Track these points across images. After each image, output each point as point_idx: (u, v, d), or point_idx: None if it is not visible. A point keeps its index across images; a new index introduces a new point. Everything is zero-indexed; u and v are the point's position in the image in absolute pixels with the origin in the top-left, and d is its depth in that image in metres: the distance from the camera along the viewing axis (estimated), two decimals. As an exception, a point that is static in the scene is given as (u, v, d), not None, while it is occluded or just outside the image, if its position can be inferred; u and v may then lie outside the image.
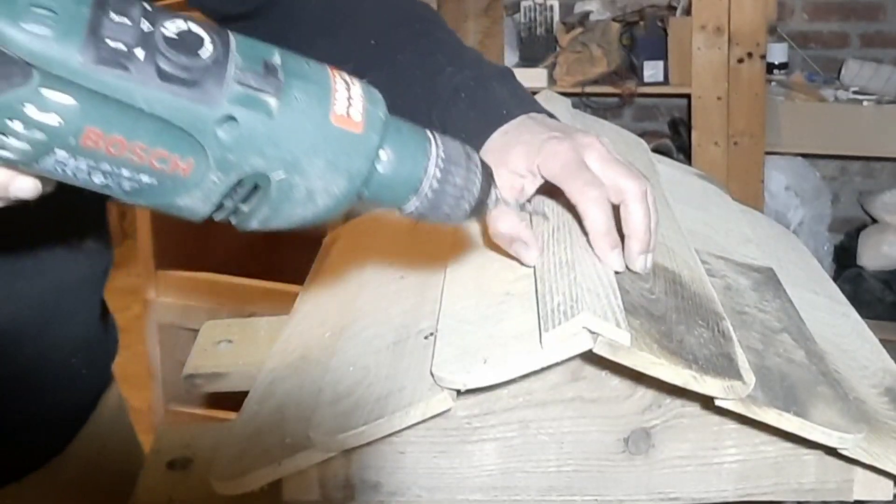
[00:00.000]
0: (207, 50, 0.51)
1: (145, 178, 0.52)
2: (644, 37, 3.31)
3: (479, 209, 0.63)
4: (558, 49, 3.48)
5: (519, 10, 3.56)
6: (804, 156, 3.40)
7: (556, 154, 0.76)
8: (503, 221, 0.77)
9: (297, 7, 0.95)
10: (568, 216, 0.80)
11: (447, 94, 0.86)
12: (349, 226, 1.22)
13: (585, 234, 0.75)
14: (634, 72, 3.34)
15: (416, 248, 1.00)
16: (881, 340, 0.94)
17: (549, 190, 0.79)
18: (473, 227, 0.90)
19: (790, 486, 0.75)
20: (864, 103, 3.18)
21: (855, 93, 3.23)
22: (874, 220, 3.43)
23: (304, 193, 0.54)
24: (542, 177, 0.77)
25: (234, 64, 0.52)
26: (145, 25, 0.50)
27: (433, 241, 0.97)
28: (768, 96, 3.14)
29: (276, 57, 0.54)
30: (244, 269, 2.43)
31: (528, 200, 0.72)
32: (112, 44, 0.49)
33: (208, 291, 2.26)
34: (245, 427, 0.80)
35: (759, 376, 0.71)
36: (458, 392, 0.70)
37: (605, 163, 0.76)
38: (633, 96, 3.37)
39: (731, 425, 0.74)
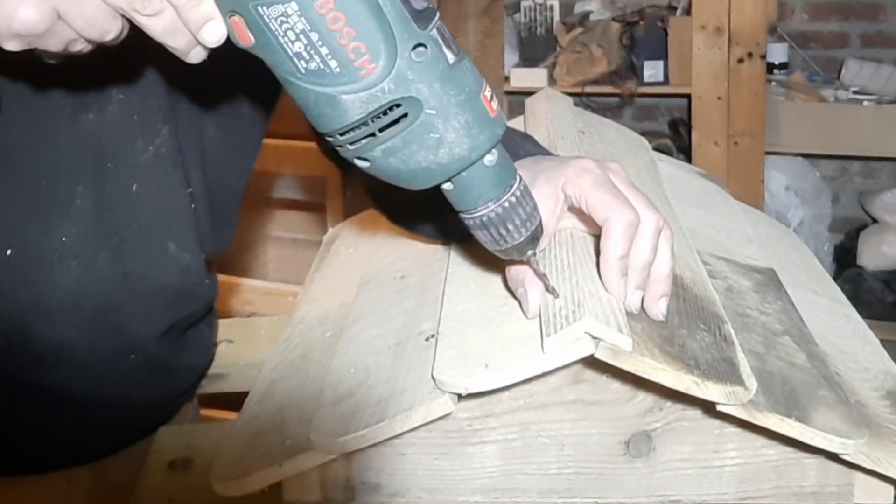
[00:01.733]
0: (428, 3, 0.61)
1: (333, 63, 0.58)
2: (644, 37, 3.31)
3: (525, 247, 0.69)
4: (558, 49, 3.48)
5: (519, 10, 3.56)
6: (804, 156, 3.40)
7: (584, 170, 0.75)
8: (515, 267, 0.76)
9: None
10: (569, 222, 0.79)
11: None
12: (349, 224, 1.21)
13: (596, 253, 0.73)
14: (634, 72, 3.34)
15: (416, 247, 1.00)
16: (881, 341, 0.94)
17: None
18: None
19: (791, 490, 0.75)
20: (864, 103, 3.18)
21: (855, 93, 3.23)
22: (874, 220, 3.43)
23: (436, 139, 0.61)
24: (567, 195, 0.76)
25: (439, 20, 0.61)
26: None
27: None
28: (768, 96, 3.13)
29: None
30: (244, 270, 2.43)
31: (544, 276, 0.72)
32: None
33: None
34: (245, 428, 0.79)
35: (761, 380, 0.70)
36: (460, 396, 0.69)
37: (628, 187, 0.75)
38: (633, 96, 3.37)
39: (732, 429, 0.74)
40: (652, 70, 3.29)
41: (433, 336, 0.77)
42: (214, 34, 0.60)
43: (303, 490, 0.76)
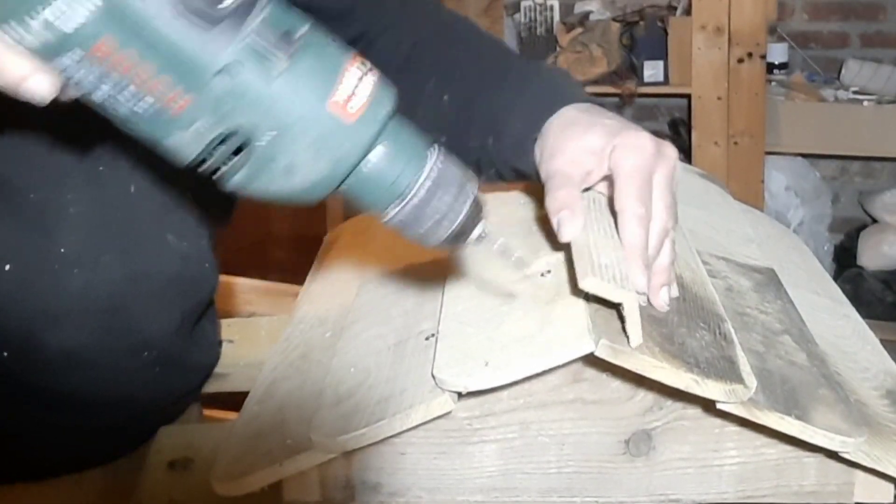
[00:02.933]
0: None
1: (143, 105, 0.53)
2: (644, 37, 3.31)
3: (458, 239, 0.62)
4: (558, 49, 3.47)
5: (519, 10, 3.56)
6: (804, 156, 3.40)
7: (636, 148, 0.74)
8: (564, 190, 0.75)
9: (388, 51, 0.99)
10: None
11: (521, 77, 0.87)
12: (350, 224, 1.21)
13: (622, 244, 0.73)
14: (634, 72, 3.34)
15: (416, 247, 1.00)
16: (881, 340, 0.94)
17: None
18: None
19: (791, 489, 0.75)
20: (864, 103, 3.18)
21: (855, 93, 3.23)
22: (874, 220, 3.43)
23: (285, 166, 0.55)
24: (609, 166, 0.75)
25: (258, 20, 0.53)
26: None
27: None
28: (768, 96, 3.13)
29: (304, 29, 0.55)
30: (244, 270, 2.42)
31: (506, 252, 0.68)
32: None
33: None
34: (246, 428, 0.79)
35: (761, 379, 0.70)
36: (459, 395, 0.69)
37: (665, 184, 0.75)
38: (633, 96, 3.37)
39: (732, 428, 0.74)
40: (652, 70, 3.28)
41: (433, 336, 0.77)
42: (41, 90, 0.54)
43: (303, 490, 0.76)
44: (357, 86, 0.56)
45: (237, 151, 0.55)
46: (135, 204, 0.88)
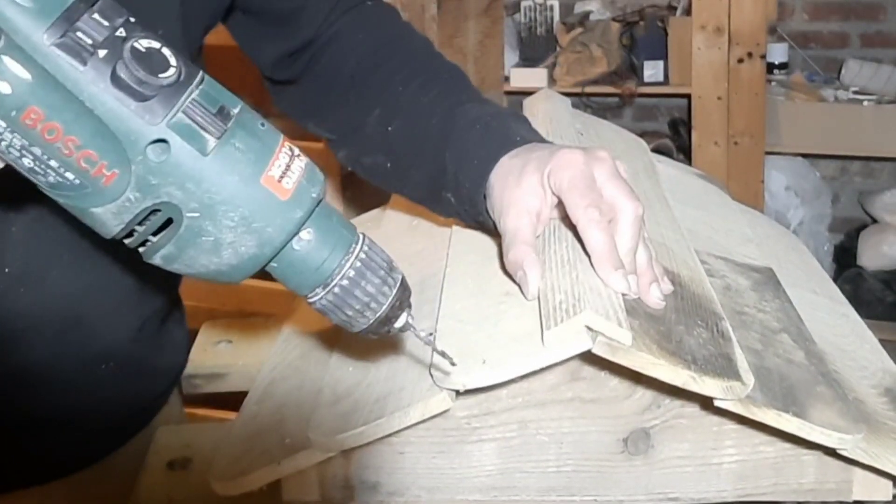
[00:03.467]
0: (169, 74, 0.52)
1: (70, 175, 0.52)
2: (644, 37, 3.31)
3: (382, 327, 0.61)
4: (558, 49, 3.48)
5: (519, 10, 3.56)
6: (804, 156, 3.40)
7: (568, 164, 0.75)
8: (514, 250, 0.76)
9: (334, 67, 0.99)
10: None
11: (465, 123, 0.87)
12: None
13: (587, 254, 0.73)
14: (634, 72, 3.34)
15: (415, 247, 1.00)
16: (881, 340, 0.94)
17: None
18: (472, 229, 0.90)
19: (789, 487, 0.75)
20: (864, 103, 3.18)
21: (855, 93, 3.23)
22: (874, 220, 3.43)
23: (212, 243, 0.54)
24: (552, 191, 0.76)
25: (191, 96, 0.52)
26: (121, 32, 0.52)
27: (432, 241, 0.97)
28: (768, 96, 3.13)
29: (237, 108, 0.55)
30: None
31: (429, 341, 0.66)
32: (80, 35, 0.50)
33: (208, 291, 2.26)
34: (245, 427, 0.80)
35: (759, 377, 0.71)
36: (458, 393, 0.70)
37: (610, 177, 0.75)
38: (633, 96, 3.37)
39: (731, 426, 0.74)
40: (652, 70, 3.29)
41: (431, 334, 0.77)
42: None
43: (302, 489, 0.76)
44: (290, 164, 0.55)
45: (164, 226, 0.54)
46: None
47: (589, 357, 0.67)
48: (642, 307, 0.72)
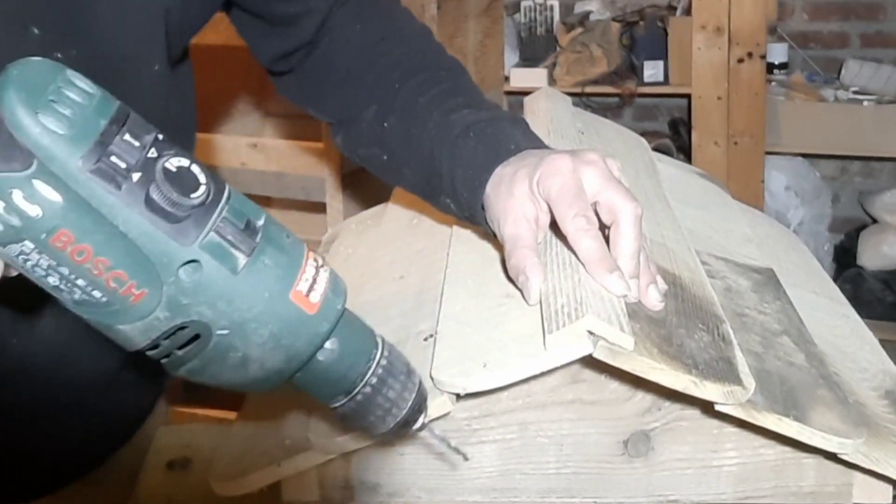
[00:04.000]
0: (200, 193, 0.52)
1: (97, 294, 0.52)
2: (644, 37, 3.31)
3: (402, 429, 0.62)
4: (558, 49, 3.47)
5: (519, 10, 3.55)
6: (804, 156, 3.40)
7: (555, 172, 0.75)
8: (515, 255, 0.76)
9: (329, 58, 0.99)
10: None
11: (458, 130, 0.86)
12: (348, 224, 1.21)
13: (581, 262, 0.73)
14: (634, 72, 3.34)
15: (415, 247, 1.00)
16: (881, 341, 0.94)
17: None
18: (472, 229, 0.90)
19: (789, 490, 0.75)
20: (864, 103, 3.18)
21: (855, 93, 3.23)
22: (874, 220, 3.43)
23: (239, 358, 0.54)
24: (542, 199, 0.76)
25: (221, 214, 0.52)
26: (152, 152, 0.51)
27: (433, 240, 0.97)
28: (768, 96, 3.13)
29: (262, 220, 0.55)
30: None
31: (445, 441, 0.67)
32: (114, 159, 0.50)
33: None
34: (244, 428, 0.80)
35: (759, 380, 0.70)
36: (458, 396, 0.69)
37: (604, 180, 0.75)
38: (633, 96, 3.37)
39: (731, 428, 0.74)
40: (652, 70, 3.28)
41: (431, 336, 0.77)
42: None
43: (301, 490, 0.76)
44: (316, 276, 0.56)
45: (190, 341, 0.54)
46: None
47: (589, 360, 0.67)
48: (643, 310, 0.72)
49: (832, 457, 0.72)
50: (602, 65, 3.31)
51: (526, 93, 1.22)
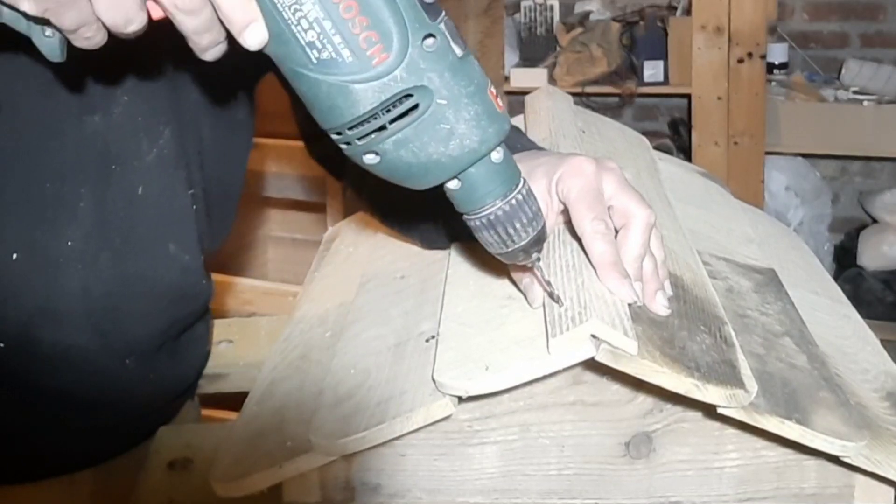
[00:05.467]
0: None
1: (345, 53, 0.58)
2: (644, 37, 3.31)
3: (531, 248, 0.68)
4: (558, 49, 3.48)
5: (519, 10, 3.56)
6: (804, 156, 3.40)
7: (578, 173, 0.75)
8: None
9: None
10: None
11: None
12: (349, 222, 1.21)
13: (592, 266, 0.74)
14: (634, 72, 3.34)
15: (416, 247, 1.00)
16: (881, 341, 0.94)
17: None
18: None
19: (791, 491, 0.75)
20: (864, 103, 3.18)
21: (855, 93, 3.23)
22: (874, 220, 3.43)
23: (447, 131, 0.61)
24: (559, 199, 0.76)
25: (446, 14, 0.61)
26: None
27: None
28: (768, 96, 3.13)
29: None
30: (244, 270, 2.42)
31: (548, 283, 0.71)
32: None
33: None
34: (245, 429, 0.79)
35: (761, 382, 0.70)
36: (460, 398, 0.69)
37: (620, 186, 0.75)
38: (633, 96, 3.37)
39: (732, 430, 0.74)
40: (652, 70, 3.29)
41: (433, 337, 0.77)
42: (257, 37, 0.58)
43: (303, 490, 0.76)
44: (497, 92, 0.64)
45: (408, 112, 0.60)
46: (139, 207, 0.88)
47: (591, 363, 0.67)
48: (646, 312, 0.72)
49: (834, 459, 0.72)
50: (602, 65, 3.31)
51: (526, 93, 1.22)
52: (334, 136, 0.62)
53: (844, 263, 3.40)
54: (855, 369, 0.84)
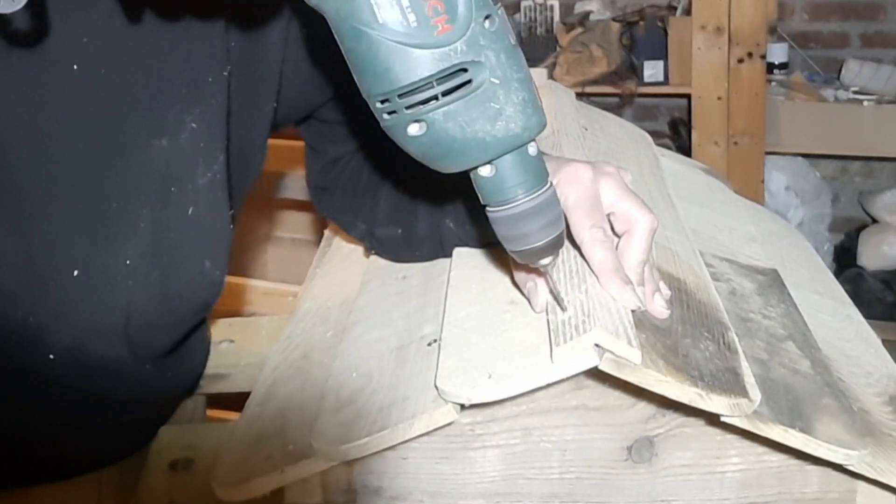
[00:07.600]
0: None
1: (412, 18, 0.59)
2: (644, 37, 3.31)
3: (547, 251, 0.68)
4: (558, 49, 3.47)
5: (519, 10, 3.55)
6: (804, 156, 3.40)
7: (575, 180, 0.75)
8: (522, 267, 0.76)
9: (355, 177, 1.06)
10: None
11: None
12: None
13: (594, 273, 0.74)
14: (634, 72, 3.34)
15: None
16: (882, 341, 0.94)
17: None
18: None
19: (793, 496, 0.75)
20: (864, 103, 3.17)
21: (855, 93, 3.23)
22: (874, 220, 3.43)
23: (495, 111, 0.62)
24: None
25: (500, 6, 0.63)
26: None
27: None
28: (768, 96, 3.13)
29: None
30: (244, 270, 2.42)
31: (555, 293, 0.72)
32: None
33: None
34: (247, 431, 0.79)
35: (765, 389, 0.70)
36: (462, 406, 0.69)
37: (621, 192, 0.75)
38: (633, 96, 3.36)
39: (735, 435, 0.74)
40: (652, 70, 3.28)
41: (435, 341, 0.77)
42: None
43: (304, 493, 0.76)
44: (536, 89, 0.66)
45: (460, 86, 0.61)
46: (186, 227, 0.89)
47: (594, 369, 0.67)
48: (649, 319, 0.72)
49: (836, 465, 0.72)
50: (602, 65, 3.30)
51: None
52: (379, 105, 0.63)
53: (844, 263, 3.40)
54: (858, 373, 0.84)
